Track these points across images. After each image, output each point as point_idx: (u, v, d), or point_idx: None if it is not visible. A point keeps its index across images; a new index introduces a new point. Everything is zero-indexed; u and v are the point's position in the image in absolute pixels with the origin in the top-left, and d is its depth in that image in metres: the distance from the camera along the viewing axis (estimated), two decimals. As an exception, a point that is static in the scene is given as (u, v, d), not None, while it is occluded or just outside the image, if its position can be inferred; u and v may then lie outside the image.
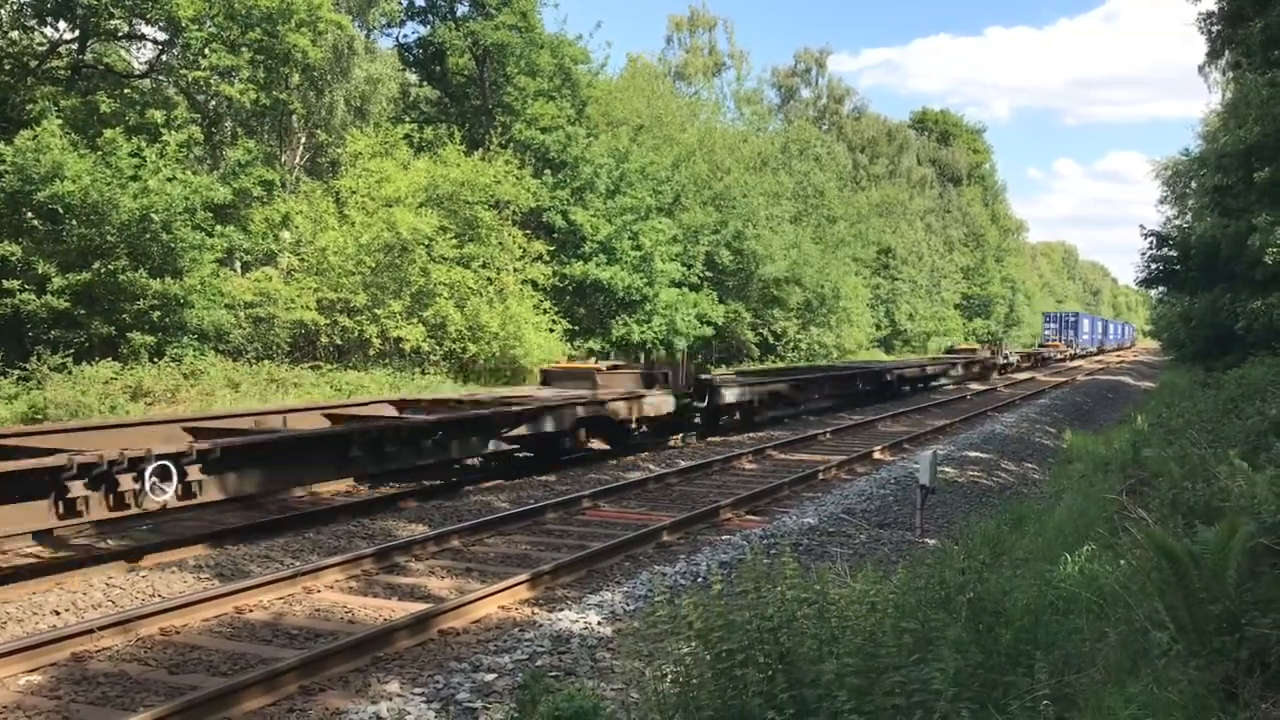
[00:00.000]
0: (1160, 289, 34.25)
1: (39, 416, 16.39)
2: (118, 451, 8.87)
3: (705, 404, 19.47)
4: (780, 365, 40.29)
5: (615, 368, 19.98)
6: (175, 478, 9.28)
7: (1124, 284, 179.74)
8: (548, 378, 19.01)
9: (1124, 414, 27.26)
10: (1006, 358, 46.85)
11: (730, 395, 20.00)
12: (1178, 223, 44.07)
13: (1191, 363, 34.86)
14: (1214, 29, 20.05)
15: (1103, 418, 28.01)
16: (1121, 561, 6.41)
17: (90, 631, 7.01)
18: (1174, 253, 28.77)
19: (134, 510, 9.08)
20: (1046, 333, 74.91)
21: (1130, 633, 5.18)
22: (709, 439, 19.77)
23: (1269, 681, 4.34)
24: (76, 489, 8.55)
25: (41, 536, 9.56)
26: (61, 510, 8.58)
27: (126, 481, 8.88)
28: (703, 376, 19.63)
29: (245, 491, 10.61)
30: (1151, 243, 29.22)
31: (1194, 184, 42.64)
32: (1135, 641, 5.09)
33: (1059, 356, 63.36)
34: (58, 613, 7.81)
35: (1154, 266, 29.50)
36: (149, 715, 5.47)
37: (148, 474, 8.98)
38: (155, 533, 10.50)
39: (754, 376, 25.03)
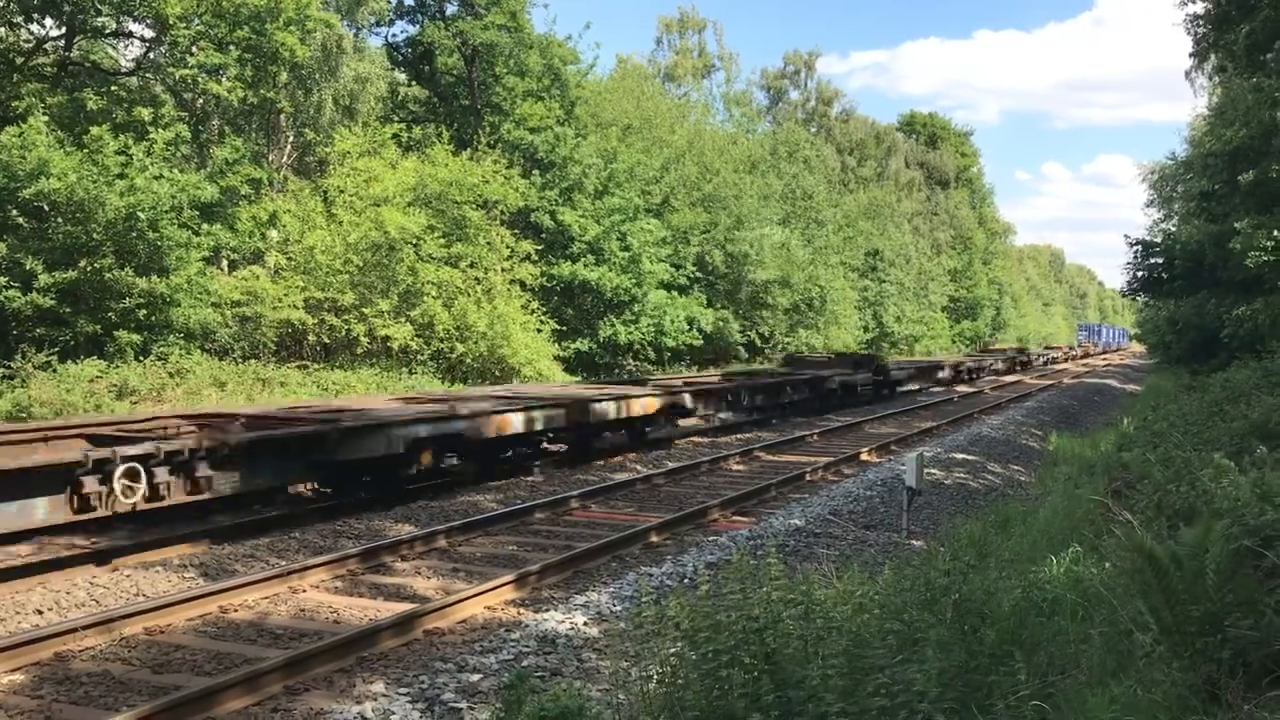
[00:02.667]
0: (1145, 296, 34.39)
1: (23, 415, 16.30)
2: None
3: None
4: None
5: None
6: None
7: (1110, 287, 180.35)
8: None
9: (1110, 417, 27.40)
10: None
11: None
12: (1164, 226, 44.35)
13: (1176, 366, 35.06)
14: (1200, 31, 20.13)
15: (1088, 420, 28.13)
16: (1106, 563, 6.45)
17: (73, 631, 6.98)
18: (1159, 260, 28.92)
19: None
20: (1080, 337, 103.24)
21: (1114, 634, 5.21)
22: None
23: (1250, 682, 4.36)
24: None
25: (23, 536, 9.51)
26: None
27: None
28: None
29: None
30: (1137, 251, 29.36)
31: (1180, 188, 42.86)
32: (1119, 643, 5.11)
33: (1077, 355, 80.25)
34: (40, 612, 7.77)
35: (1139, 275, 29.65)
36: (132, 715, 5.44)
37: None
38: (139, 532, 10.45)
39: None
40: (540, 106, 33.33)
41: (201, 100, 26.20)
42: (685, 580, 8.67)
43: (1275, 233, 18.26)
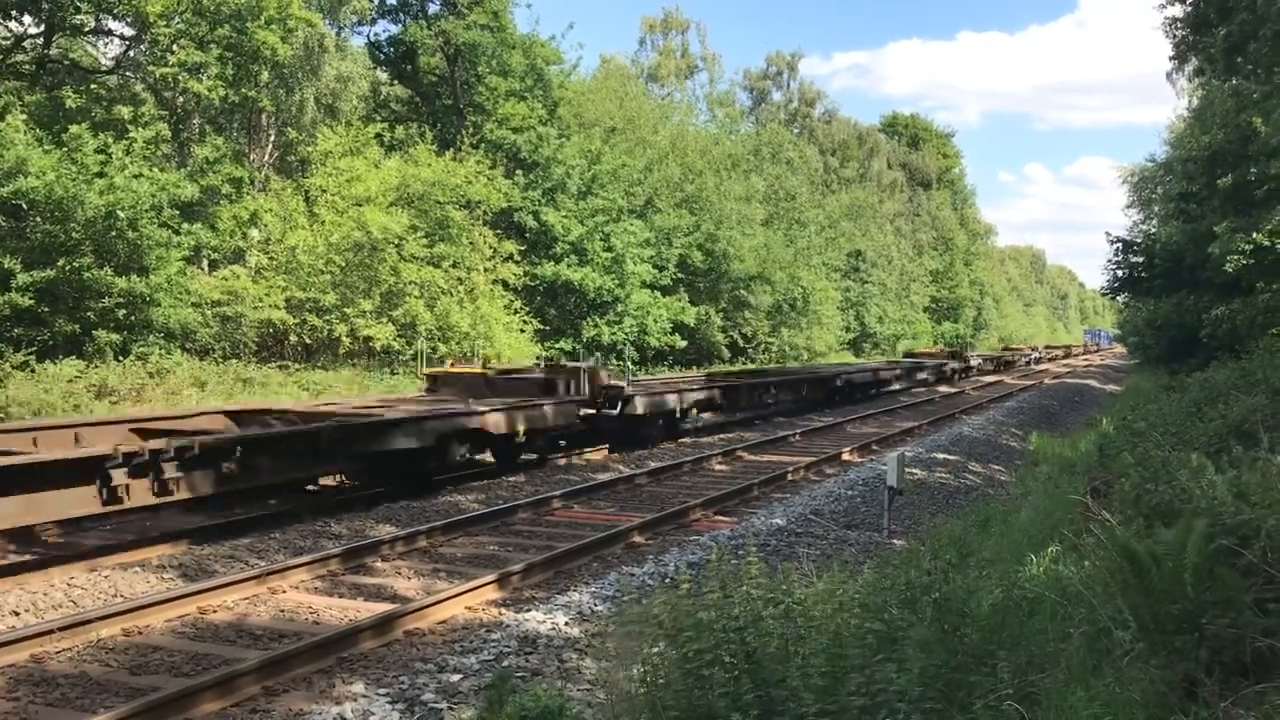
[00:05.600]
0: (1126, 295, 34.63)
1: (0, 415, 16.17)
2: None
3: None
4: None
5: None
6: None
7: (1091, 288, 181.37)
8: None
9: (1090, 417, 27.54)
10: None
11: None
12: (1144, 228, 44.62)
13: (1156, 366, 35.26)
14: (1179, 34, 20.24)
15: (1069, 420, 28.27)
16: (1085, 562, 6.46)
17: (50, 632, 6.93)
18: (1139, 259, 29.09)
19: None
20: (1086, 339, 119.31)
21: (1093, 632, 5.22)
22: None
23: (1227, 679, 4.39)
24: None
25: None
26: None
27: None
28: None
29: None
30: (1118, 249, 29.53)
31: (1160, 190, 43.17)
32: (1098, 641, 5.13)
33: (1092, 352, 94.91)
34: (17, 613, 7.70)
35: (1120, 273, 29.81)
36: (108, 717, 5.41)
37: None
38: (119, 532, 10.37)
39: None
40: (523, 106, 33.30)
41: (182, 99, 26.05)
42: (667, 580, 8.66)
43: (1255, 235, 18.39)
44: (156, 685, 6.15)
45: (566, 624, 7.46)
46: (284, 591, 8.44)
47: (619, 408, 17.25)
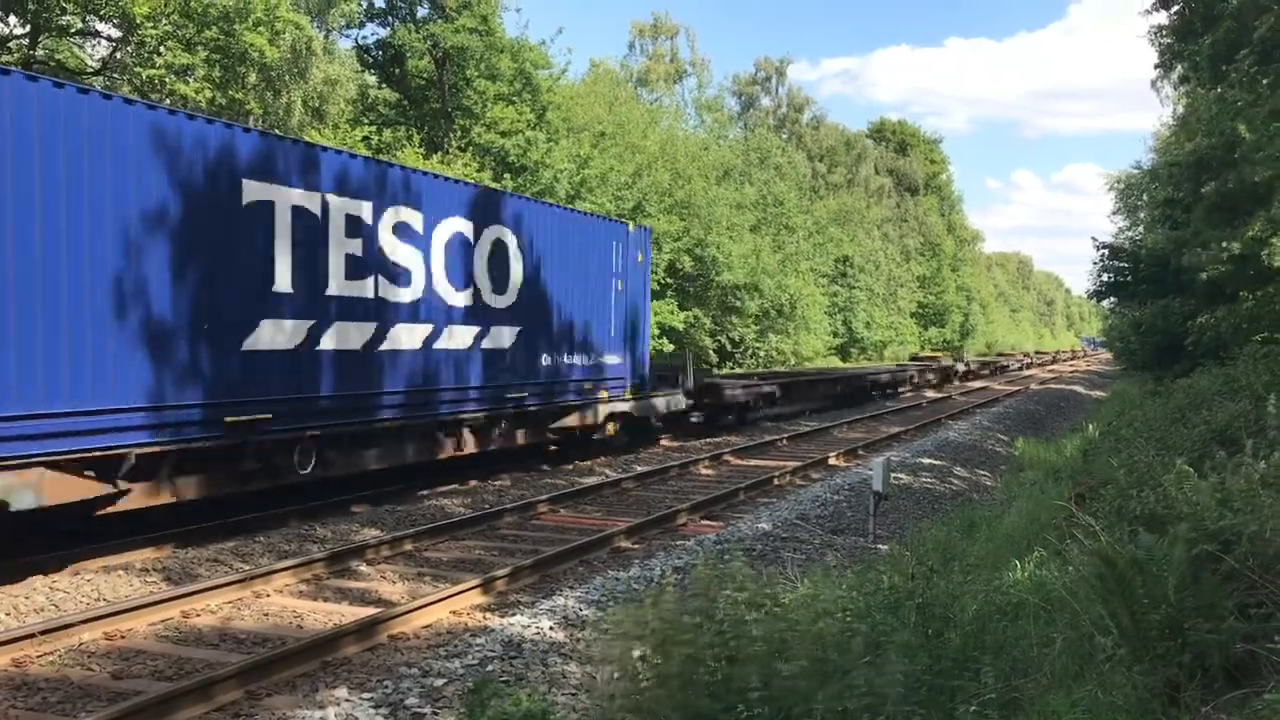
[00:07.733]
0: (1111, 299, 34.78)
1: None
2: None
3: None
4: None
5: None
6: None
7: (1077, 294, 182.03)
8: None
9: (1075, 422, 27.62)
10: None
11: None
12: (1129, 234, 44.80)
13: (1141, 372, 35.35)
14: (1164, 42, 20.29)
15: (1054, 426, 28.35)
16: (1069, 568, 6.48)
17: (31, 636, 6.88)
18: (1125, 264, 29.21)
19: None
20: (1084, 346, 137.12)
21: (1076, 638, 5.24)
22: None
23: (1209, 685, 4.40)
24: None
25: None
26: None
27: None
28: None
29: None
30: (1104, 254, 29.64)
31: (1145, 196, 43.31)
32: (1081, 646, 5.14)
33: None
34: (-2, 617, 7.66)
35: (1105, 278, 29.92)
36: (89, 721, 5.38)
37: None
38: (102, 534, 10.31)
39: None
40: (511, 110, 33.22)
41: (169, 101, 25.94)
42: (653, 585, 8.65)
43: (1230, 244, 18.47)
44: (138, 689, 6.12)
45: (551, 628, 7.44)
46: (268, 595, 8.41)
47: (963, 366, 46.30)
